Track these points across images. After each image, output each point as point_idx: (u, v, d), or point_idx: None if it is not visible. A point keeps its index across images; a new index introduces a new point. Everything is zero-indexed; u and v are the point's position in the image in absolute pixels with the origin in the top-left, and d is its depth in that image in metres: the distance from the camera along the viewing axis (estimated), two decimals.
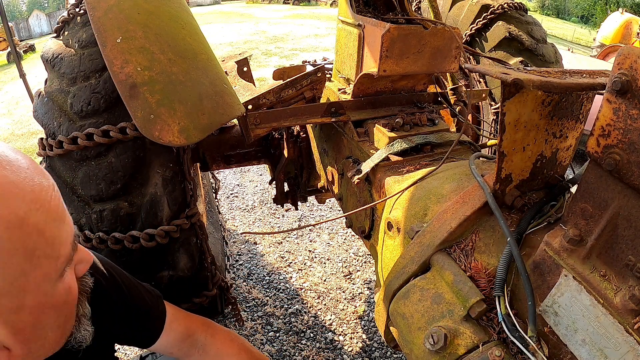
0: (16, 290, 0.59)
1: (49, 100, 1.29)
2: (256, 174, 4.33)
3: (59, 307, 0.67)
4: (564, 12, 31.20)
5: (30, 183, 0.60)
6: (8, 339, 0.60)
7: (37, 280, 0.61)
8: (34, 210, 0.59)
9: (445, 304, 0.90)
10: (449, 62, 1.52)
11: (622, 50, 0.62)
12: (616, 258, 0.71)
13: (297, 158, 2.12)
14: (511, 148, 0.87)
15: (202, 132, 1.16)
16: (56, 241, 0.63)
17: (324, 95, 1.82)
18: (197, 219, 1.43)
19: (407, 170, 1.33)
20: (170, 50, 1.19)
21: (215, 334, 1.16)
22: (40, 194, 0.61)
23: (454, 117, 1.89)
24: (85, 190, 1.26)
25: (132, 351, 2.27)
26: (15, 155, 0.61)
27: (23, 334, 0.62)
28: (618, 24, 9.52)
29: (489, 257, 0.93)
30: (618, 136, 0.65)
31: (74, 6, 1.39)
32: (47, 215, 0.61)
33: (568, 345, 0.76)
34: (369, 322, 2.49)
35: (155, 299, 1.10)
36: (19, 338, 0.62)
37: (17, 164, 0.60)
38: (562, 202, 0.92)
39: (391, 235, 1.19)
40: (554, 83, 0.74)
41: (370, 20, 1.52)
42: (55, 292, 0.65)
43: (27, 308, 0.61)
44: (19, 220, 0.57)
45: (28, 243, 0.58)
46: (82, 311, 0.77)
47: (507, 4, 2.27)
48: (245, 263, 2.98)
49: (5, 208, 0.56)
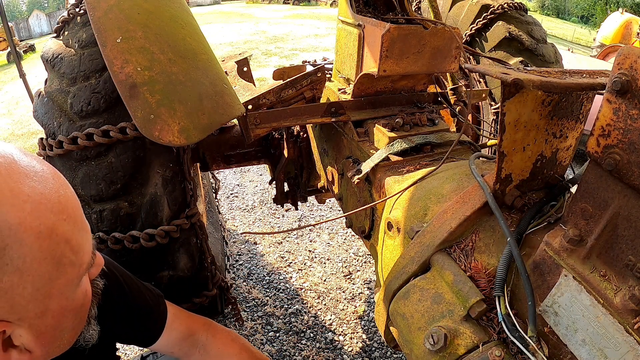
0: (42, 296, 0.61)
1: (49, 100, 1.29)
2: (256, 174, 4.33)
3: (77, 310, 0.70)
4: (564, 12, 31.20)
5: (56, 194, 0.62)
6: (31, 342, 0.63)
7: (61, 286, 0.63)
8: (62, 220, 0.61)
9: (445, 304, 0.90)
10: (449, 62, 1.52)
11: (622, 50, 0.62)
12: (616, 258, 0.71)
13: (297, 158, 2.11)
14: (511, 148, 0.87)
15: (202, 132, 1.16)
16: (80, 249, 0.66)
17: (324, 95, 1.82)
18: (197, 219, 1.43)
19: (407, 170, 1.33)
20: (170, 50, 1.19)
21: (216, 334, 1.16)
22: (66, 204, 0.64)
23: (454, 117, 1.89)
24: (85, 190, 1.26)
25: (132, 351, 2.27)
26: (41, 166, 0.63)
27: (44, 337, 0.64)
28: (618, 24, 9.53)
29: (489, 257, 0.93)
30: (618, 136, 0.65)
31: (74, 6, 1.39)
32: (73, 225, 0.64)
33: (568, 345, 0.76)
34: (369, 322, 2.49)
35: (157, 299, 1.10)
36: (40, 341, 0.64)
37: (43, 174, 0.62)
38: (562, 202, 0.92)
39: (391, 235, 1.19)
40: (554, 83, 0.74)
41: (370, 20, 1.52)
42: (75, 297, 0.68)
43: (50, 312, 0.63)
44: (49, 230, 0.59)
45: (56, 252, 0.61)
46: (91, 312, 0.79)
47: (507, 4, 2.27)
48: (245, 263, 2.98)
49: (36, 219, 0.58)
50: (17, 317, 0.59)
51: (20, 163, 0.59)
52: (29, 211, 0.57)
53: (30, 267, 0.57)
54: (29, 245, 0.57)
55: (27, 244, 0.56)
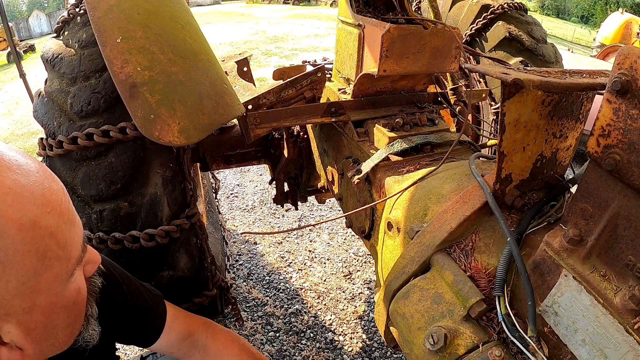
0: (29, 291, 0.60)
1: (49, 100, 1.29)
2: (256, 174, 4.33)
3: (69, 307, 0.69)
4: (564, 12, 31.21)
5: (40, 187, 0.61)
6: (21, 339, 0.62)
7: (49, 281, 0.63)
8: (46, 213, 0.61)
9: (445, 304, 0.90)
10: (449, 62, 1.52)
11: (622, 50, 0.62)
12: (616, 258, 0.71)
13: (297, 158, 2.11)
14: (511, 148, 0.87)
15: (202, 132, 1.16)
16: (67, 243, 0.65)
17: (324, 95, 1.82)
18: (197, 219, 1.43)
19: (407, 170, 1.33)
20: (170, 50, 1.19)
21: (216, 334, 1.16)
22: (51, 197, 0.63)
23: (454, 117, 1.88)
24: (85, 190, 1.26)
25: (132, 351, 2.27)
26: (25, 159, 0.63)
27: (35, 333, 0.64)
28: (618, 24, 9.53)
29: (489, 257, 0.93)
30: (618, 136, 0.65)
31: (74, 6, 1.39)
32: (58, 218, 0.63)
33: (568, 345, 0.76)
34: (369, 322, 2.49)
35: (156, 299, 1.10)
36: (31, 338, 0.63)
37: (27, 167, 0.62)
38: (562, 202, 0.92)
39: (391, 235, 1.19)
40: (554, 83, 0.74)
41: (370, 20, 1.52)
42: (65, 293, 0.67)
43: (39, 308, 0.63)
44: (31, 223, 0.58)
45: (40, 245, 0.60)
46: (91, 311, 0.78)
47: (507, 4, 2.27)
48: (245, 263, 2.98)
49: (18, 211, 0.57)
50: (3, 312, 0.59)
51: (3, 156, 0.59)
52: (9, 203, 0.56)
53: (13, 260, 0.57)
54: (10, 238, 0.56)
55: (8, 236, 0.56)
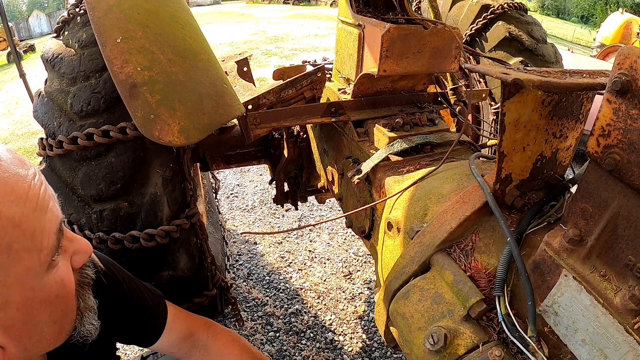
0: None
1: (49, 100, 1.29)
2: (256, 174, 4.33)
3: (51, 302, 0.65)
4: (564, 12, 31.21)
5: (4, 175, 0.58)
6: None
7: (19, 275, 0.59)
8: (8, 202, 0.57)
9: (445, 304, 0.90)
10: (449, 62, 1.52)
11: (622, 50, 0.62)
12: (616, 258, 0.71)
13: (297, 158, 2.12)
14: (511, 148, 0.87)
15: (202, 132, 1.16)
16: (36, 233, 0.61)
17: (324, 95, 1.82)
18: (197, 219, 1.43)
19: (407, 170, 1.33)
20: (170, 50, 1.19)
21: (217, 334, 1.16)
22: (15, 185, 0.59)
23: (454, 117, 1.89)
24: (85, 190, 1.26)
25: (132, 351, 2.27)
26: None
27: (13, 330, 0.61)
28: (618, 24, 9.53)
29: (489, 257, 0.93)
30: (618, 136, 0.65)
31: (74, 6, 1.39)
32: (24, 206, 0.59)
33: (568, 345, 0.76)
34: (369, 322, 2.49)
35: (157, 299, 1.10)
36: (10, 335, 0.61)
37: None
38: (562, 202, 0.92)
39: (391, 235, 1.19)
40: (554, 83, 0.74)
41: (370, 20, 1.52)
42: (44, 286, 0.63)
43: (13, 304, 0.59)
44: None
45: (4, 237, 0.56)
46: (85, 304, 0.74)
47: (507, 4, 2.27)
48: (245, 263, 2.98)
49: None
50: None
51: None
52: None
53: None
54: None
55: None
